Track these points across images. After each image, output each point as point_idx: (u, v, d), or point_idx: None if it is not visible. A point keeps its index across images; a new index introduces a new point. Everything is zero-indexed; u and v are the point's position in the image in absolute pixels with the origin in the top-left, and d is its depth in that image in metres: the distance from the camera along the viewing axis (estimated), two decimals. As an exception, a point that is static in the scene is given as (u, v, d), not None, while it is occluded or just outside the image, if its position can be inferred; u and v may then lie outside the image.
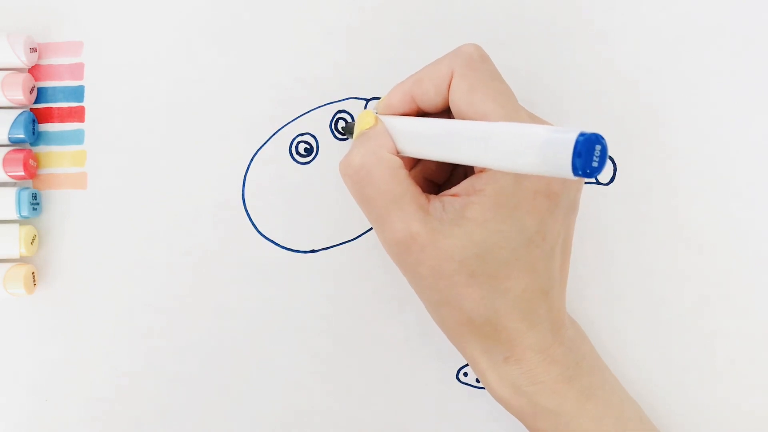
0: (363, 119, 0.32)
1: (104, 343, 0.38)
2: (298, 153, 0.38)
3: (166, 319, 0.38)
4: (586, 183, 0.37)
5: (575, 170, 0.23)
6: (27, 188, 0.37)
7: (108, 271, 0.38)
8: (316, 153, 0.38)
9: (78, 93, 0.38)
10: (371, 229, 0.37)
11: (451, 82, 0.30)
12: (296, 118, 0.38)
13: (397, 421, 0.37)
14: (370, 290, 0.37)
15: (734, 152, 0.37)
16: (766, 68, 0.37)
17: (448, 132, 0.28)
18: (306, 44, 0.38)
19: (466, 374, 0.37)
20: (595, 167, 0.23)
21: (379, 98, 0.37)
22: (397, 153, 0.31)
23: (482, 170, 0.30)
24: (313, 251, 0.37)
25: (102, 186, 0.38)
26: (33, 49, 0.38)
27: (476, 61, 0.30)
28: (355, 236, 0.37)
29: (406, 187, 0.30)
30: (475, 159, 0.27)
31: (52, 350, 0.38)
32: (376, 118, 0.32)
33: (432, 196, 0.30)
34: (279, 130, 0.38)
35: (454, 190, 0.30)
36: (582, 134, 0.23)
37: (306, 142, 0.38)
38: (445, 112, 0.31)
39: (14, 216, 0.37)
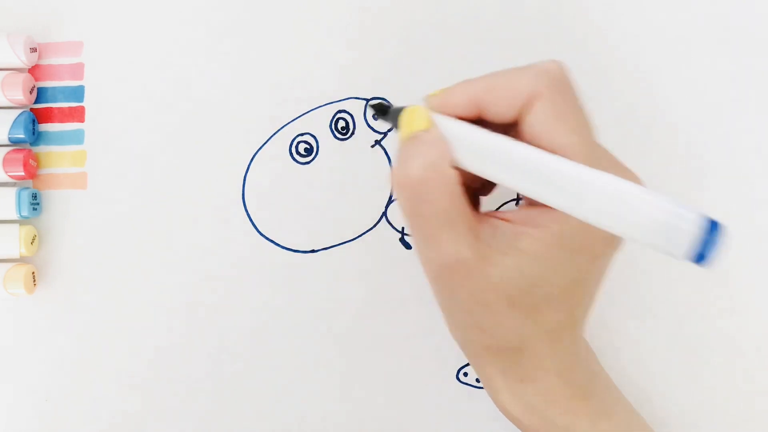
0: (415, 118, 0.28)
1: (104, 343, 0.38)
2: (298, 153, 0.38)
3: (166, 319, 0.38)
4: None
5: (694, 257, 0.22)
6: (27, 188, 0.37)
7: (108, 270, 0.38)
8: (316, 153, 0.38)
9: (78, 93, 0.38)
10: (371, 229, 0.37)
11: (531, 101, 0.27)
12: (296, 118, 0.38)
13: (397, 421, 0.37)
14: (370, 290, 0.37)
15: (735, 152, 0.37)
16: (767, 67, 0.37)
17: (537, 167, 0.26)
18: (306, 44, 0.38)
19: (466, 374, 0.37)
20: (709, 256, 0.22)
21: (379, 98, 0.37)
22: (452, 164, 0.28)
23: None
24: (313, 251, 0.37)
25: (102, 186, 0.38)
26: (33, 49, 0.38)
27: (564, 85, 0.28)
28: (355, 236, 0.37)
29: (461, 207, 0.28)
30: (563, 206, 0.25)
31: (52, 350, 0.38)
32: (432, 120, 0.28)
33: (483, 217, 0.29)
34: (279, 130, 0.38)
35: (508, 215, 0.29)
36: (711, 222, 0.21)
37: (306, 142, 0.38)
38: (507, 126, 0.28)
39: (14, 216, 0.37)
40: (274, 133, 0.38)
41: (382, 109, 0.31)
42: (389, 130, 0.38)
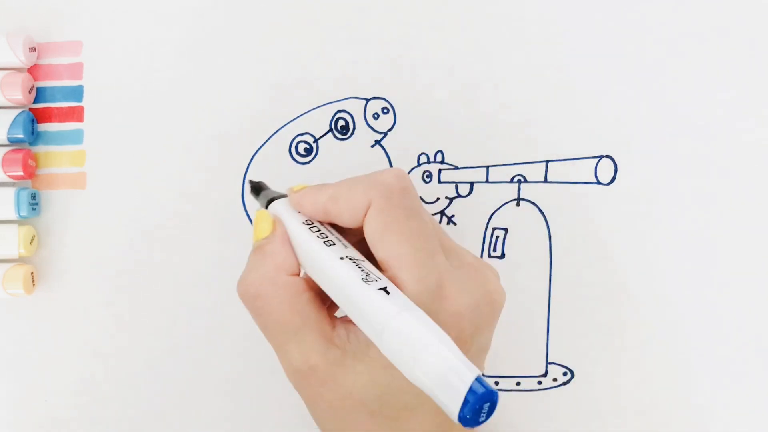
0: (259, 224, 0.29)
1: (104, 344, 0.38)
2: (297, 153, 0.38)
3: (165, 319, 0.38)
4: (585, 183, 0.37)
5: (460, 418, 0.21)
6: (26, 188, 0.37)
7: (107, 271, 0.38)
8: (316, 153, 0.38)
9: (77, 93, 0.38)
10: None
11: (366, 214, 0.28)
12: (296, 118, 0.38)
13: (397, 421, 0.37)
14: (370, 290, 0.37)
15: (734, 151, 0.37)
16: (767, 67, 0.37)
17: (348, 297, 0.26)
18: (306, 44, 0.38)
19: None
20: (480, 421, 0.21)
21: (379, 98, 0.37)
22: (299, 269, 0.28)
23: None
24: (313, 251, 0.37)
25: (101, 186, 0.38)
26: (32, 49, 0.38)
27: (395, 195, 0.28)
28: (355, 236, 0.37)
29: (306, 315, 0.27)
30: (369, 336, 0.25)
31: (52, 350, 0.38)
32: (274, 224, 0.29)
33: (338, 321, 0.28)
34: (279, 130, 0.38)
35: None
36: (473, 391, 0.21)
37: (306, 142, 0.38)
38: (362, 232, 0.28)
39: (13, 216, 0.37)
40: (274, 133, 0.38)
41: (256, 189, 0.32)
42: (389, 130, 0.38)
